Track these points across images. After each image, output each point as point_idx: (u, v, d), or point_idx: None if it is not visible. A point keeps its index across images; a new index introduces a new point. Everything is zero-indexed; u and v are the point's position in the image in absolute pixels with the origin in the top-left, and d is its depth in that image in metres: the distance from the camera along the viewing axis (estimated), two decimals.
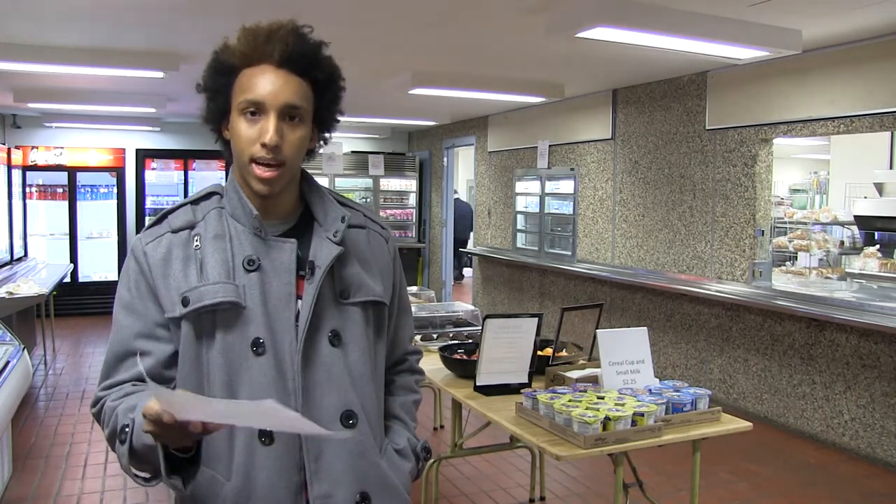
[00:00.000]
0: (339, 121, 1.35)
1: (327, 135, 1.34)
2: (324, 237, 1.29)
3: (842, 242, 6.36)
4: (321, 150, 1.37)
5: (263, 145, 1.19)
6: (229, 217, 1.28)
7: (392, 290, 1.40)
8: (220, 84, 1.25)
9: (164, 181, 9.20)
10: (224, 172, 9.31)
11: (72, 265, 8.01)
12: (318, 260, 1.26)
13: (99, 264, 8.89)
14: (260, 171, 1.21)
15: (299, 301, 1.25)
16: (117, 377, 1.26)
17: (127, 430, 1.15)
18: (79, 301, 8.64)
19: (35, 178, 8.62)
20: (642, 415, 2.38)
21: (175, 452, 1.14)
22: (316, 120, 1.28)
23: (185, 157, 9.22)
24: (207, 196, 1.32)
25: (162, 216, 1.31)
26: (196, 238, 1.26)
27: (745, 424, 2.62)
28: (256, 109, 1.20)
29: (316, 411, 1.23)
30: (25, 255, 8.14)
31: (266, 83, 1.20)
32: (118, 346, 1.26)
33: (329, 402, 1.24)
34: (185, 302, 1.22)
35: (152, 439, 1.08)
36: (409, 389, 1.48)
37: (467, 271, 11.67)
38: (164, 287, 1.24)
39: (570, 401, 2.46)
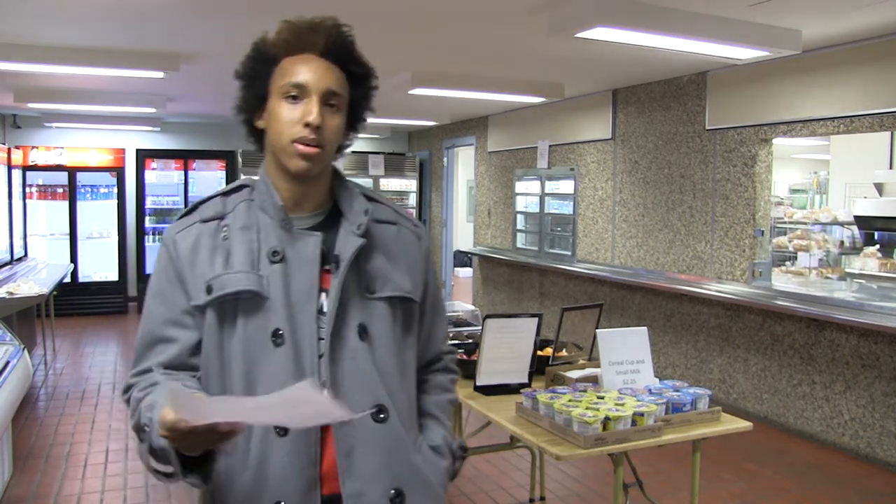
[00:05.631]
0: (366, 119, 1.37)
1: (355, 134, 1.36)
2: (349, 231, 1.29)
3: (842, 242, 6.37)
4: (348, 149, 1.39)
5: (307, 125, 1.22)
6: (258, 209, 1.30)
7: (424, 288, 1.39)
8: (258, 71, 1.28)
9: (164, 181, 9.20)
10: (224, 173, 9.32)
11: (72, 265, 8.02)
12: (343, 253, 1.27)
13: (99, 264, 8.89)
14: (303, 148, 1.22)
15: (324, 294, 1.25)
16: (146, 363, 1.28)
17: (146, 429, 1.16)
18: (79, 301, 8.65)
19: (35, 178, 8.62)
20: (642, 415, 2.38)
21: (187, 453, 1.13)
22: (348, 114, 1.30)
23: (185, 157, 9.22)
24: (238, 188, 1.34)
25: (194, 206, 1.34)
26: (225, 228, 1.29)
27: (745, 424, 2.62)
28: (299, 93, 1.23)
29: (346, 405, 1.22)
30: (25, 255, 8.14)
31: (310, 69, 1.24)
32: (147, 334, 1.29)
33: (359, 397, 1.23)
34: (208, 290, 1.24)
35: (161, 441, 1.09)
36: (444, 388, 1.47)
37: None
38: (192, 275, 1.26)
39: (570, 401, 2.46)
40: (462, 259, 10.23)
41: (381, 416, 1.25)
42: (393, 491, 1.24)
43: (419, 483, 1.28)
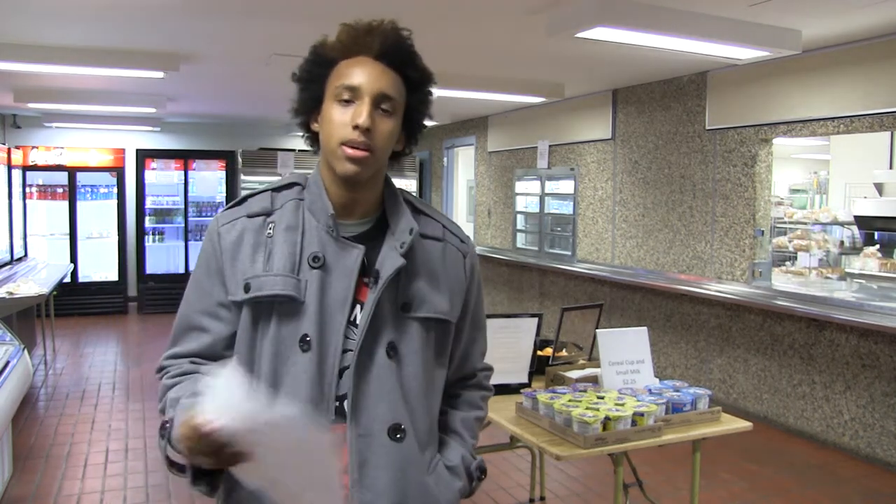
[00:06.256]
0: (426, 126, 1.35)
1: (413, 141, 1.35)
2: (393, 247, 1.27)
3: (842, 242, 6.36)
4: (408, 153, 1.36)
5: (356, 127, 1.20)
6: (306, 210, 1.29)
7: (464, 308, 1.37)
8: (315, 74, 1.27)
9: (164, 181, 9.20)
10: (224, 173, 9.32)
11: (72, 265, 8.02)
12: (383, 270, 1.25)
13: (99, 264, 8.89)
14: (350, 151, 1.21)
15: (359, 307, 1.25)
16: (180, 348, 1.30)
17: (167, 426, 1.18)
18: (79, 301, 8.65)
19: (35, 178, 8.62)
20: (642, 415, 2.38)
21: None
22: (405, 120, 1.29)
23: (185, 157, 9.22)
24: (289, 185, 1.33)
25: (242, 199, 1.33)
26: (270, 226, 1.28)
27: (745, 424, 2.62)
28: (351, 96, 1.22)
29: (365, 421, 1.23)
30: (25, 255, 8.14)
31: (363, 71, 1.23)
32: (183, 319, 1.31)
33: (378, 414, 1.23)
34: (246, 288, 1.24)
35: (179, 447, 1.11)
36: (474, 405, 1.46)
37: None
38: (231, 270, 1.26)
39: (570, 401, 2.46)
40: None
41: (398, 435, 1.25)
42: None
43: (427, 503, 1.28)
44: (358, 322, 1.24)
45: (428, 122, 1.38)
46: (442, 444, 1.38)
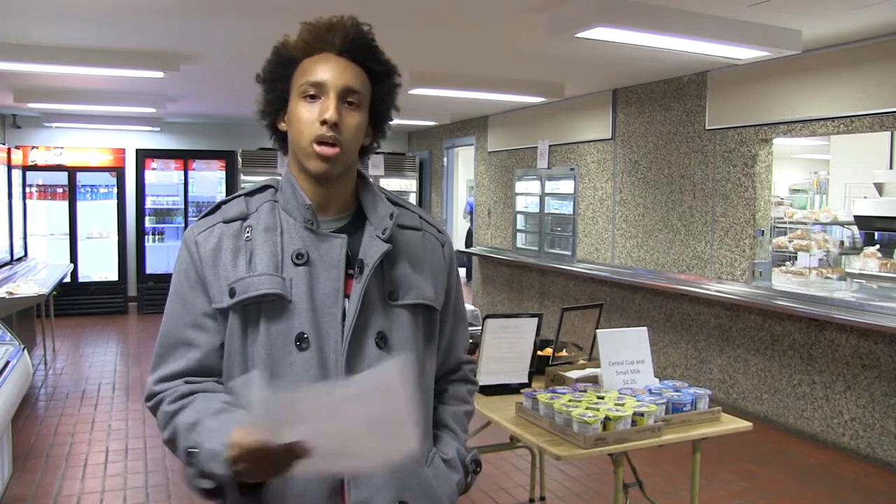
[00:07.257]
0: (392, 119, 1.36)
1: (381, 135, 1.35)
2: (373, 235, 1.27)
3: (842, 242, 6.37)
4: (377, 149, 1.37)
5: (324, 122, 1.20)
6: (282, 211, 1.28)
7: (446, 296, 1.37)
8: (279, 74, 1.27)
9: (164, 181, 9.20)
10: (224, 173, 9.32)
11: (72, 265, 8.01)
12: (367, 258, 1.25)
13: (99, 264, 8.89)
14: (321, 148, 1.21)
15: (347, 300, 1.24)
16: (169, 369, 1.26)
17: (194, 453, 1.13)
18: (79, 301, 8.65)
19: (35, 178, 8.62)
20: (642, 415, 2.38)
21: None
22: (371, 114, 1.29)
23: (185, 157, 9.23)
24: (262, 189, 1.33)
25: (216, 206, 1.32)
26: (248, 230, 1.27)
27: (745, 424, 2.62)
28: (317, 92, 1.23)
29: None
30: (25, 255, 8.14)
31: (327, 67, 1.24)
32: (168, 337, 1.27)
33: None
34: (231, 293, 1.22)
35: (222, 468, 1.07)
36: (461, 399, 1.45)
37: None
38: (214, 277, 1.24)
39: (570, 401, 2.46)
40: (461, 259, 10.25)
41: None
42: (398, 503, 1.22)
43: (426, 496, 1.26)
44: (346, 314, 1.23)
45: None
46: (435, 438, 1.37)
